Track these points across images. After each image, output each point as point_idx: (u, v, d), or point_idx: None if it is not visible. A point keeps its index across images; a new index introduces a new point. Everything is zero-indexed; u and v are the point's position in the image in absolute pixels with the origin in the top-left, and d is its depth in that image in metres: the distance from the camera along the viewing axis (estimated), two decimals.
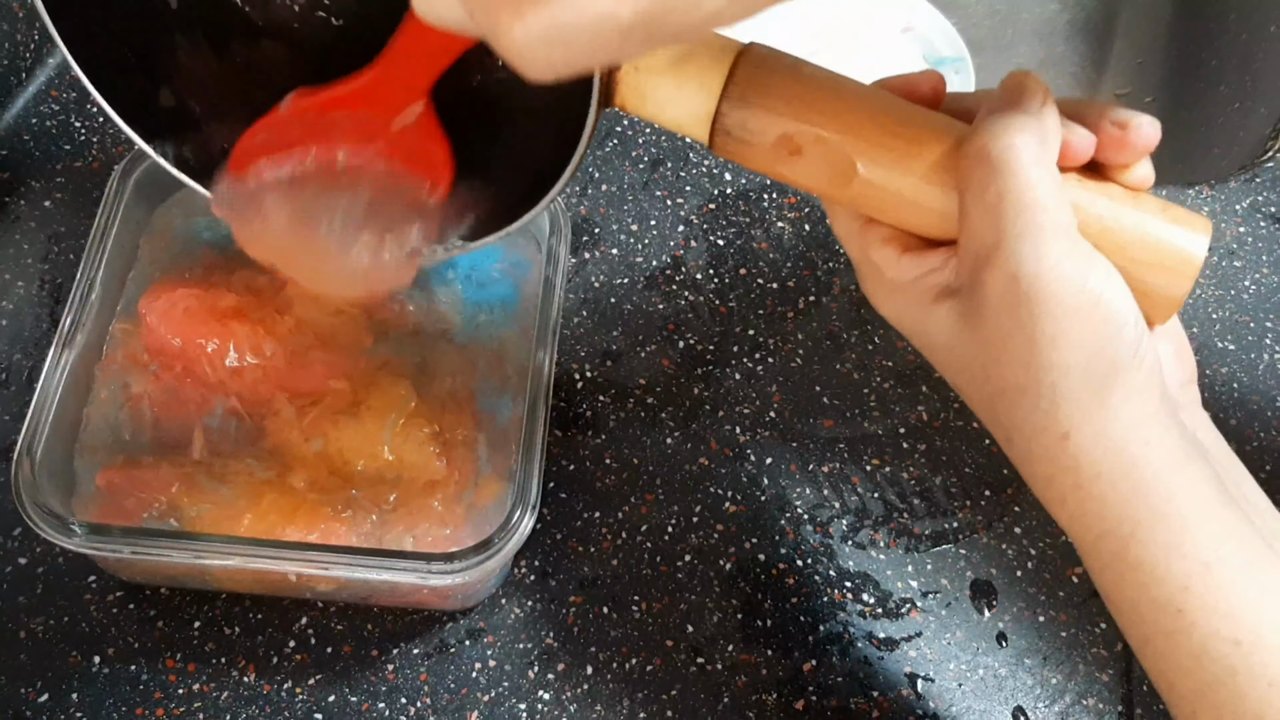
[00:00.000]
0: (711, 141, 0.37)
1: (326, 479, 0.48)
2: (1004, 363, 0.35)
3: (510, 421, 0.49)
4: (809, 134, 0.36)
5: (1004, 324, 0.35)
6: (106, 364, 0.50)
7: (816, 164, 0.36)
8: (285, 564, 0.44)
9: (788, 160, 0.36)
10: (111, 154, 0.61)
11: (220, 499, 0.47)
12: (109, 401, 0.49)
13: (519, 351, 0.51)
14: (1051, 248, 0.34)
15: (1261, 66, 0.74)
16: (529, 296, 0.52)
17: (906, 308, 0.38)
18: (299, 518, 0.46)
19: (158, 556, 0.44)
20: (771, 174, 0.38)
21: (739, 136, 0.36)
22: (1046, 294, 0.34)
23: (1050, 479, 0.36)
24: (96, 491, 0.47)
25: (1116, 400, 0.35)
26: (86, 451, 0.48)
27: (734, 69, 0.36)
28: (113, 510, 0.46)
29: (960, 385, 0.38)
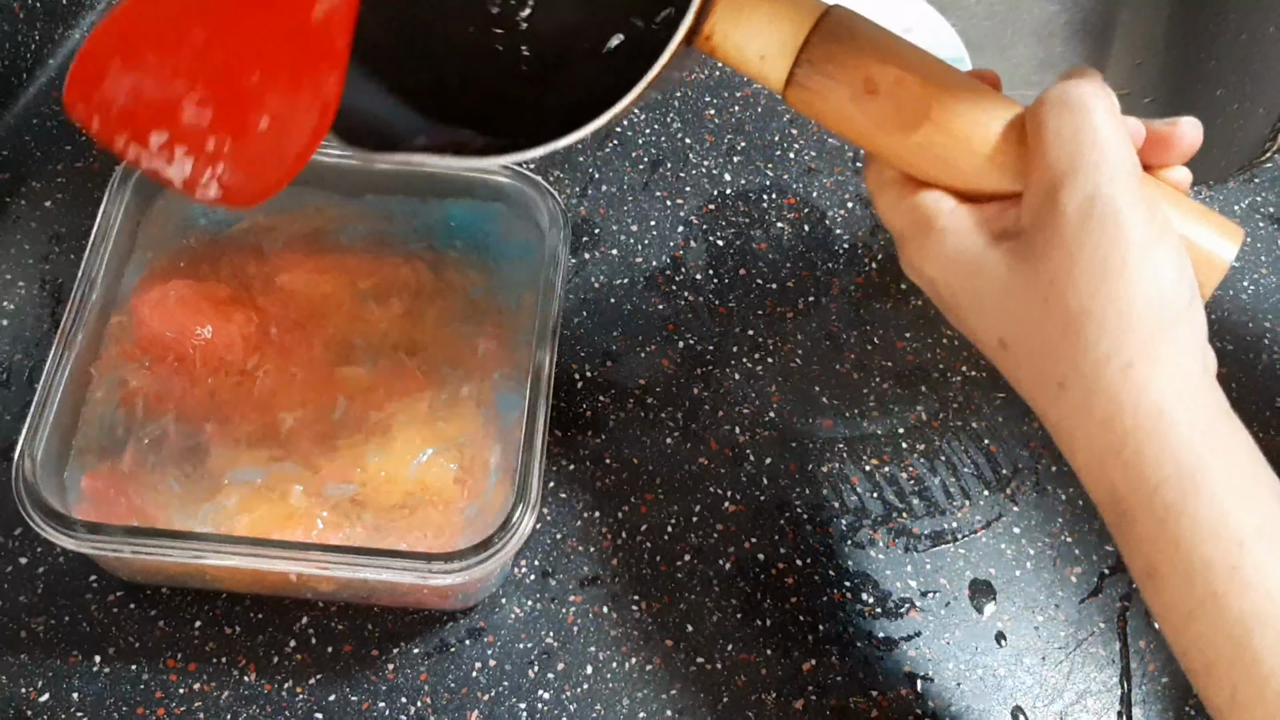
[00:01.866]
0: (790, 77, 0.39)
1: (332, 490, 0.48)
2: (1070, 291, 0.35)
3: (511, 422, 0.49)
4: (890, 74, 0.38)
5: (1073, 249, 0.35)
6: (103, 361, 0.49)
7: (890, 104, 0.38)
8: (286, 564, 0.44)
9: (862, 99, 0.38)
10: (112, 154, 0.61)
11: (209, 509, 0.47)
12: (104, 400, 0.49)
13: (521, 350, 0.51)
14: (1126, 181, 0.35)
15: (1261, 67, 0.74)
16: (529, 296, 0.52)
17: (956, 257, 0.38)
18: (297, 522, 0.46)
19: (158, 556, 0.44)
20: (839, 116, 0.39)
21: (821, 69, 0.38)
22: (1120, 219, 0.35)
23: (1109, 420, 0.35)
24: (83, 495, 0.47)
25: (1173, 348, 0.35)
26: (80, 452, 0.48)
27: (823, 15, 0.39)
28: (102, 514, 0.46)
29: (1010, 334, 0.37)
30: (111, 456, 0.47)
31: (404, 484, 0.48)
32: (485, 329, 0.52)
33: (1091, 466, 0.36)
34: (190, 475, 0.47)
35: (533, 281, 0.52)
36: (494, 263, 0.53)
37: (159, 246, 0.53)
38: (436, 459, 0.48)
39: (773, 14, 0.39)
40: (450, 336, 0.52)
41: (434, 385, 0.50)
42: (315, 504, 0.47)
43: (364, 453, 0.48)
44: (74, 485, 0.47)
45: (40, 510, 0.44)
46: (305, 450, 0.48)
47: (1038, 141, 0.37)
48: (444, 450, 0.48)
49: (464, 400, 0.50)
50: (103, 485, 0.47)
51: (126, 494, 0.46)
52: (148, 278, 0.51)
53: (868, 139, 0.39)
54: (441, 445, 0.48)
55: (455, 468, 0.48)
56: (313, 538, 0.46)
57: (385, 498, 0.47)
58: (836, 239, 0.62)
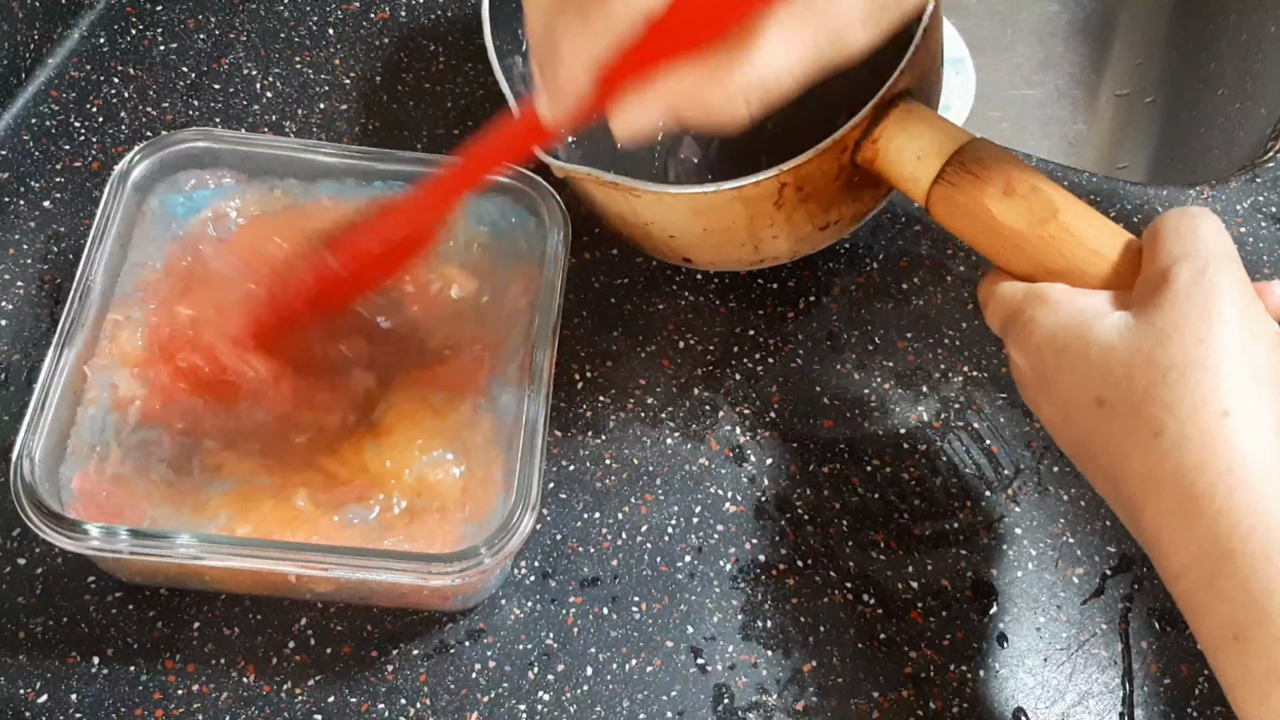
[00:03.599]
0: (940, 174, 0.47)
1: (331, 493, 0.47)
2: (1175, 342, 0.38)
3: (510, 422, 0.49)
4: (1026, 180, 0.45)
5: (1182, 308, 0.38)
6: (98, 361, 0.49)
7: (1024, 204, 0.45)
8: (284, 564, 0.44)
9: (1000, 198, 0.45)
10: (111, 154, 0.61)
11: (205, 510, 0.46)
12: (97, 400, 0.48)
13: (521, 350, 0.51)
14: (1233, 266, 0.40)
15: (1261, 67, 0.74)
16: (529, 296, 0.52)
17: (1068, 320, 0.42)
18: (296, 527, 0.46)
19: (156, 557, 0.44)
20: (977, 211, 0.46)
21: (970, 169, 0.46)
22: (1225, 288, 0.39)
23: (1201, 465, 0.36)
24: (74, 495, 0.46)
25: (1268, 402, 0.37)
26: (74, 452, 0.47)
27: (971, 139, 0.47)
28: (92, 514, 0.46)
29: (1109, 390, 0.39)
30: (103, 457, 0.47)
31: (404, 485, 0.47)
32: (485, 329, 0.52)
33: (1179, 520, 0.37)
34: (182, 476, 0.47)
35: (533, 281, 0.52)
36: (494, 260, 0.53)
37: (148, 246, 0.52)
38: (436, 460, 0.48)
39: (933, 128, 0.48)
40: (449, 336, 0.51)
41: (433, 386, 0.50)
42: (313, 506, 0.47)
43: (363, 455, 0.48)
44: (67, 485, 0.46)
45: (39, 511, 0.44)
46: (301, 452, 0.48)
47: (1155, 239, 0.41)
48: (444, 451, 0.48)
49: (463, 401, 0.50)
50: (93, 486, 0.46)
51: (117, 494, 0.46)
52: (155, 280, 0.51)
53: (998, 232, 0.45)
54: (441, 446, 0.48)
55: (455, 469, 0.48)
56: (312, 540, 0.46)
57: (384, 499, 0.47)
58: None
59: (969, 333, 0.59)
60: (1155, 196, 0.63)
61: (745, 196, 0.49)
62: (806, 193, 0.50)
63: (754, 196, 0.49)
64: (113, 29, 0.66)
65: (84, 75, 0.64)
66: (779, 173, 0.48)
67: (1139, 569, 0.53)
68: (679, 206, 0.50)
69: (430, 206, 0.47)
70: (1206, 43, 0.81)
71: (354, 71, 0.65)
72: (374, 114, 0.64)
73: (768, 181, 0.48)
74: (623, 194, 0.50)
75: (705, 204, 0.49)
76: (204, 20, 0.66)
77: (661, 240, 0.54)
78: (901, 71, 0.48)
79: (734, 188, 0.48)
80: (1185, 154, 0.78)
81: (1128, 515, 0.40)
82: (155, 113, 0.63)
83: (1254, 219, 0.63)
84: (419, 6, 0.68)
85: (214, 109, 0.63)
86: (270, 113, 0.63)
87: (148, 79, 0.64)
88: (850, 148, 0.49)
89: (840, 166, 0.50)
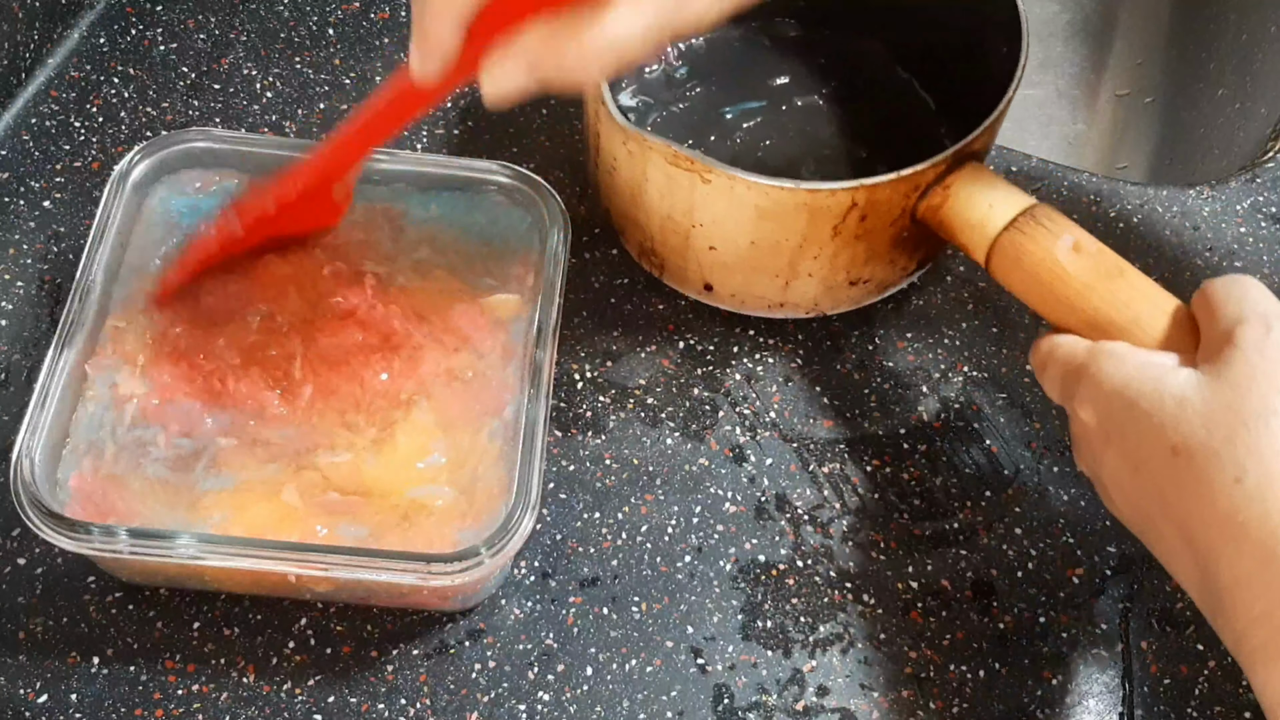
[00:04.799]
0: (1012, 223, 0.48)
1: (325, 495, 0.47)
2: (1253, 392, 0.39)
3: (510, 422, 0.49)
4: (1092, 241, 0.47)
5: (1254, 361, 0.39)
6: (98, 360, 0.49)
7: (1090, 261, 0.46)
8: (284, 565, 0.44)
9: (1069, 253, 0.47)
10: (111, 154, 0.61)
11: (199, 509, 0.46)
12: (96, 398, 0.48)
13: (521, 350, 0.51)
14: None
15: (1261, 67, 0.74)
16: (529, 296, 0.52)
17: (1139, 371, 0.42)
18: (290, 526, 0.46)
19: (156, 556, 0.44)
20: (1045, 263, 0.47)
21: (1041, 223, 0.48)
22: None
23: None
24: (71, 494, 0.46)
25: None
26: (72, 451, 0.47)
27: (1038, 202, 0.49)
28: (90, 513, 0.46)
29: (1185, 438, 0.40)
30: (99, 455, 0.47)
31: (402, 484, 0.47)
32: (484, 330, 0.51)
33: (1261, 563, 0.37)
34: (176, 474, 0.47)
35: (533, 281, 0.52)
36: (493, 262, 0.53)
37: (149, 246, 0.52)
38: (435, 459, 0.48)
39: (1004, 186, 0.50)
40: (447, 336, 0.51)
41: (432, 385, 0.50)
42: (310, 506, 0.46)
43: (361, 452, 0.48)
44: (65, 484, 0.46)
45: (38, 511, 0.44)
46: (300, 450, 0.48)
47: (1208, 304, 0.43)
48: (442, 451, 0.48)
49: (462, 384, 0.50)
50: (90, 484, 0.46)
51: (112, 493, 0.46)
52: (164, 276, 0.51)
53: (1065, 284, 0.46)
54: (440, 445, 0.48)
55: (454, 470, 0.48)
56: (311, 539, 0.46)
57: (383, 498, 0.47)
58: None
59: (969, 333, 0.59)
60: (1155, 196, 0.63)
61: (814, 205, 0.49)
62: (866, 226, 0.51)
63: (821, 208, 0.49)
64: (113, 29, 0.66)
65: (84, 75, 0.64)
66: (856, 186, 0.49)
67: (1139, 569, 0.53)
68: (746, 200, 0.50)
69: (319, 174, 0.49)
70: (1206, 43, 0.81)
71: (354, 71, 0.65)
72: None
73: (841, 194, 0.49)
74: (690, 178, 0.50)
75: (773, 202, 0.49)
76: (204, 20, 0.66)
77: (697, 252, 0.54)
78: (983, 130, 0.50)
79: (810, 189, 0.49)
80: (1185, 154, 0.78)
81: (1199, 565, 0.40)
82: (155, 113, 0.63)
83: (1254, 219, 0.63)
84: None
85: (214, 109, 0.63)
86: (270, 113, 0.63)
87: (148, 79, 0.64)
88: (921, 189, 0.50)
89: (904, 209, 0.51)
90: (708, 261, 0.54)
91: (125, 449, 0.47)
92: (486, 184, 0.54)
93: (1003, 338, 0.59)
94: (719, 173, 0.49)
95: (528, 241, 0.54)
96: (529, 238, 0.54)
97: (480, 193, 0.54)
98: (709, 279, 0.55)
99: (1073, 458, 0.54)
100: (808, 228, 0.50)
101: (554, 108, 0.64)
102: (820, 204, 0.49)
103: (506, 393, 0.49)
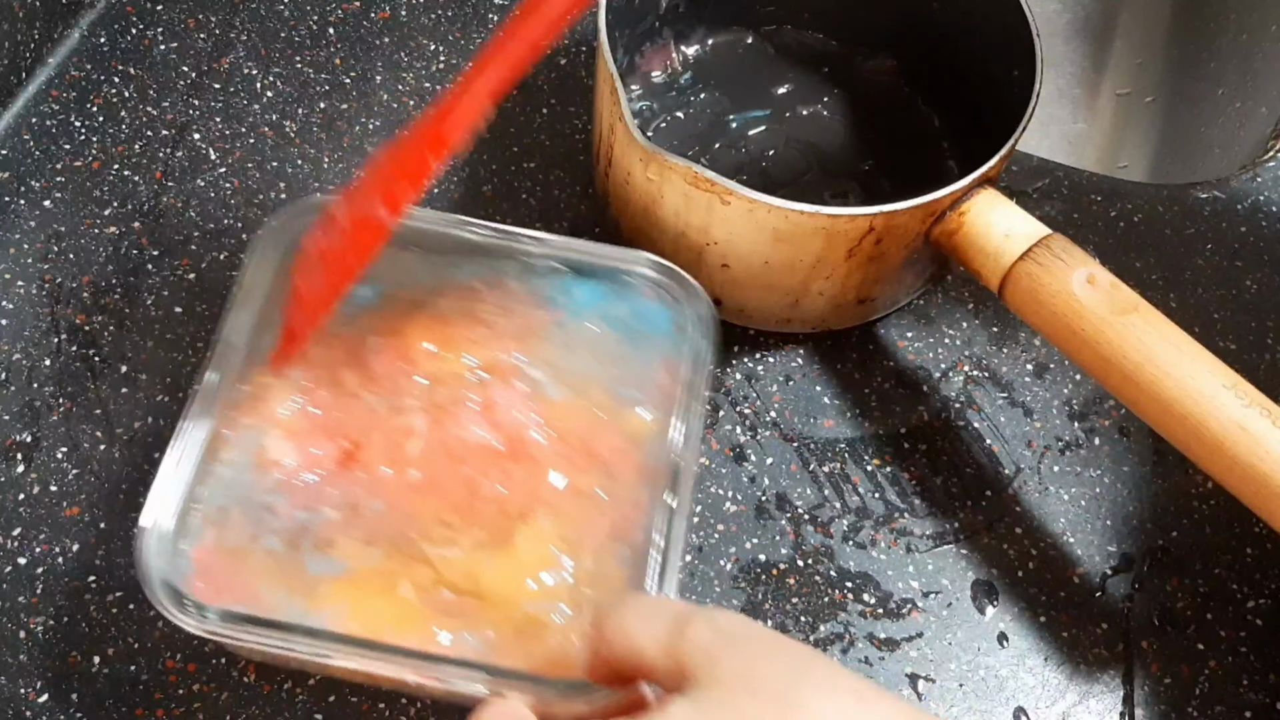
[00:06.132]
0: (1027, 253, 0.48)
1: (438, 593, 0.44)
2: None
3: (640, 530, 0.44)
4: (1107, 276, 0.47)
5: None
6: (238, 421, 0.46)
7: (1104, 295, 0.46)
8: (412, 674, 0.41)
9: (1084, 285, 0.47)
10: (111, 153, 0.61)
11: (316, 597, 0.43)
12: (230, 463, 0.45)
13: (658, 459, 0.46)
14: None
15: (1261, 67, 0.74)
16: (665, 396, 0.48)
17: None
18: (406, 627, 0.43)
19: (279, 649, 0.41)
20: (1059, 294, 0.47)
21: (1056, 254, 0.48)
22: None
23: None
24: (193, 566, 0.44)
25: None
26: (197, 520, 0.44)
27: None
28: (210, 587, 0.43)
29: None
30: (225, 525, 0.44)
31: (519, 595, 0.44)
32: (616, 426, 0.47)
33: None
34: (291, 551, 0.44)
35: (674, 389, 0.48)
36: (637, 365, 0.48)
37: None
38: (555, 576, 0.44)
39: (1019, 214, 0.50)
40: (580, 454, 0.47)
41: (556, 499, 0.45)
42: (426, 604, 0.43)
43: (472, 551, 0.44)
44: (186, 554, 0.44)
45: (166, 591, 0.41)
46: (399, 535, 0.44)
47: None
48: (565, 569, 0.44)
49: (590, 503, 0.45)
50: (212, 558, 0.44)
51: (233, 568, 0.44)
52: (322, 339, 0.48)
53: (1078, 316, 0.46)
54: (562, 563, 0.44)
55: (575, 589, 0.44)
56: (429, 643, 0.42)
57: (498, 607, 0.43)
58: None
59: (969, 333, 0.59)
60: (1156, 195, 0.63)
61: (832, 229, 0.49)
62: (881, 249, 0.51)
63: (839, 232, 0.49)
64: (113, 28, 0.66)
65: (84, 75, 0.64)
66: (875, 213, 0.49)
67: (1139, 569, 0.53)
68: (765, 223, 0.49)
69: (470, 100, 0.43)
70: (1206, 42, 0.81)
71: (354, 71, 0.65)
72: (374, 114, 0.64)
73: (860, 219, 0.49)
74: (708, 198, 0.50)
75: (792, 225, 0.49)
76: (204, 20, 0.66)
77: (710, 269, 0.53)
78: (1001, 157, 0.50)
79: (829, 214, 0.49)
80: (1186, 153, 0.78)
81: None
82: (155, 112, 0.63)
83: (1254, 218, 0.63)
84: (419, 6, 0.68)
85: (214, 108, 0.63)
86: (270, 112, 0.63)
87: (148, 78, 0.64)
88: (937, 215, 0.50)
89: (919, 233, 0.51)
90: (720, 279, 0.54)
91: (250, 516, 0.44)
92: (631, 274, 0.50)
93: (1003, 338, 0.59)
94: (740, 195, 0.49)
95: (673, 344, 0.49)
96: (673, 339, 0.49)
97: (625, 283, 0.50)
98: (719, 295, 0.54)
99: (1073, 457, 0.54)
100: (823, 250, 0.50)
101: (554, 107, 0.64)
102: (838, 228, 0.49)
103: (639, 516, 0.45)
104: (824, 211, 0.49)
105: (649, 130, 0.60)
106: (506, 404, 0.47)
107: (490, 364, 0.48)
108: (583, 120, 0.64)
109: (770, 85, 0.62)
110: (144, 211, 0.59)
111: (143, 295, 0.57)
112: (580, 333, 0.49)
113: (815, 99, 0.62)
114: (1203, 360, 0.45)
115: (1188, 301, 0.60)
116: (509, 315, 0.49)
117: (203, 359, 0.47)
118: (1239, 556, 0.54)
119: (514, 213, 0.60)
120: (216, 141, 0.62)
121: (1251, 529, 0.54)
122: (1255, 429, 0.43)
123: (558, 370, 0.48)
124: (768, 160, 0.60)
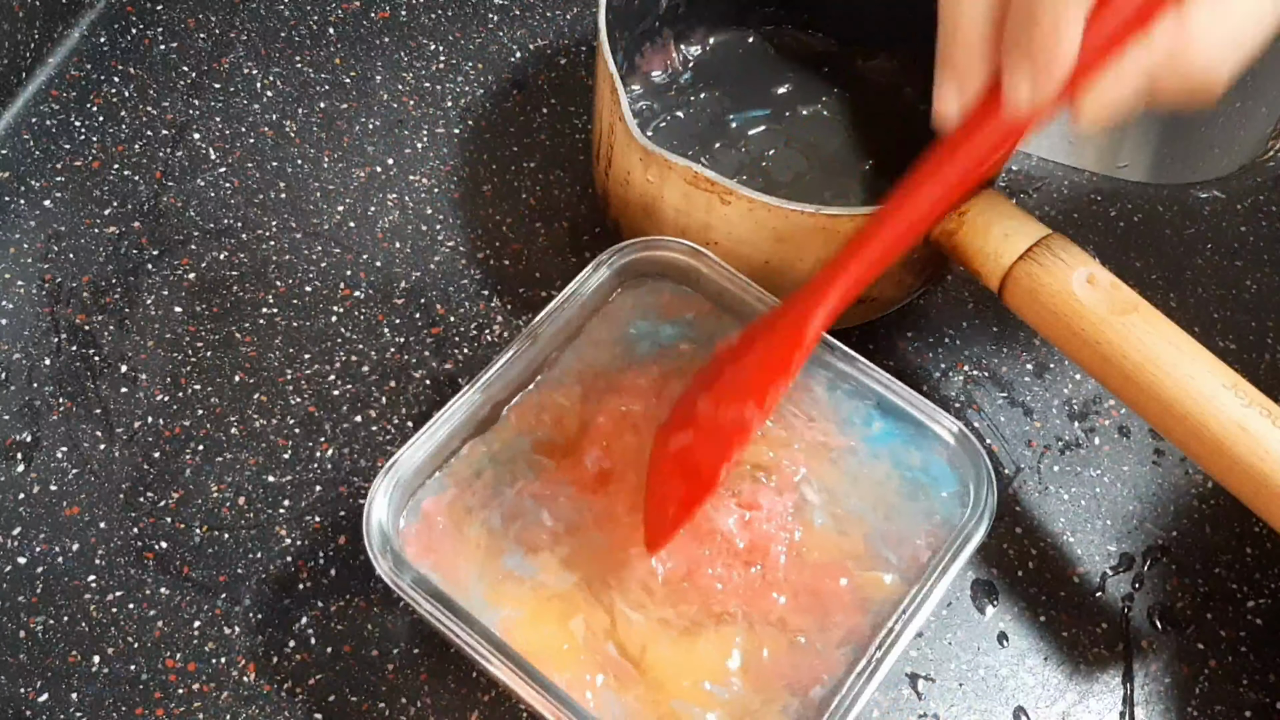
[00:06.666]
0: (1026, 253, 0.47)
1: (605, 644, 0.43)
2: None
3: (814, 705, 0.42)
4: (1107, 276, 0.46)
5: None
6: (519, 406, 0.47)
7: (1104, 295, 0.46)
8: (554, 712, 0.40)
9: (1084, 285, 0.46)
10: (111, 153, 0.61)
11: (500, 591, 0.44)
12: (487, 440, 0.46)
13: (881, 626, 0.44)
14: None
15: (1262, 67, 0.74)
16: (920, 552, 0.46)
17: None
18: (565, 664, 0.42)
19: (444, 628, 0.42)
20: (1059, 294, 0.46)
21: (1055, 254, 0.47)
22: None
23: None
24: (419, 517, 0.45)
25: None
26: (439, 479, 0.45)
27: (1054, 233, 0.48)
28: (421, 544, 0.44)
29: None
30: (467, 490, 0.45)
31: (678, 687, 0.43)
32: (857, 581, 0.45)
33: None
34: (495, 539, 0.45)
35: (925, 560, 0.45)
36: (904, 522, 0.46)
37: (600, 340, 0.50)
38: (720, 691, 0.43)
39: (1019, 214, 0.49)
40: (807, 595, 0.45)
41: (758, 624, 0.44)
42: (590, 648, 0.43)
43: (654, 624, 0.44)
44: (417, 506, 0.45)
45: (379, 537, 0.42)
46: (594, 572, 0.44)
47: None
48: (730, 690, 0.43)
49: (788, 643, 0.44)
50: (438, 515, 0.45)
51: (448, 533, 0.44)
52: (589, 366, 0.49)
53: (1077, 316, 0.46)
54: (731, 682, 0.43)
55: (730, 713, 0.42)
56: (577, 686, 0.42)
57: (652, 687, 0.43)
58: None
59: (969, 333, 0.59)
60: (1156, 195, 0.63)
61: (832, 229, 0.49)
62: None
63: (839, 233, 0.49)
64: (113, 28, 0.66)
65: (84, 74, 0.64)
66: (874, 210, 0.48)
67: (1139, 568, 0.53)
68: (765, 223, 0.49)
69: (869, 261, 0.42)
70: None
71: (354, 71, 0.65)
72: (374, 114, 0.64)
73: (860, 219, 0.49)
74: (708, 198, 0.50)
75: (792, 225, 0.49)
76: (204, 19, 0.66)
77: None
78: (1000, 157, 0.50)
79: (830, 214, 0.48)
80: (1186, 153, 0.78)
81: None
82: (155, 112, 0.63)
83: (1254, 217, 0.63)
84: (419, 6, 0.68)
85: (214, 108, 0.63)
86: (270, 112, 0.63)
87: (148, 78, 0.64)
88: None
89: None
90: None
91: (493, 485, 0.46)
92: (933, 430, 0.47)
93: (1003, 338, 0.59)
94: (740, 195, 0.49)
95: (946, 513, 0.46)
96: (949, 508, 0.46)
97: (925, 433, 0.48)
98: None
99: (1072, 457, 0.54)
100: (823, 250, 0.50)
101: (554, 107, 0.64)
102: (839, 228, 0.49)
103: (825, 672, 0.43)
104: (824, 211, 0.49)
105: (649, 130, 0.60)
106: (768, 512, 0.45)
107: (772, 467, 0.46)
108: (583, 120, 0.64)
109: (770, 85, 0.62)
110: (144, 211, 0.59)
111: (143, 295, 0.57)
112: (867, 468, 0.47)
113: (815, 99, 0.62)
114: (1203, 360, 0.44)
115: (1188, 301, 0.60)
116: (809, 424, 0.48)
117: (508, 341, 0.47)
118: (1239, 556, 0.54)
119: (514, 212, 0.60)
120: (216, 141, 0.62)
121: (1251, 529, 0.54)
122: (1255, 429, 0.43)
123: (834, 498, 0.46)
124: (768, 160, 0.60)
